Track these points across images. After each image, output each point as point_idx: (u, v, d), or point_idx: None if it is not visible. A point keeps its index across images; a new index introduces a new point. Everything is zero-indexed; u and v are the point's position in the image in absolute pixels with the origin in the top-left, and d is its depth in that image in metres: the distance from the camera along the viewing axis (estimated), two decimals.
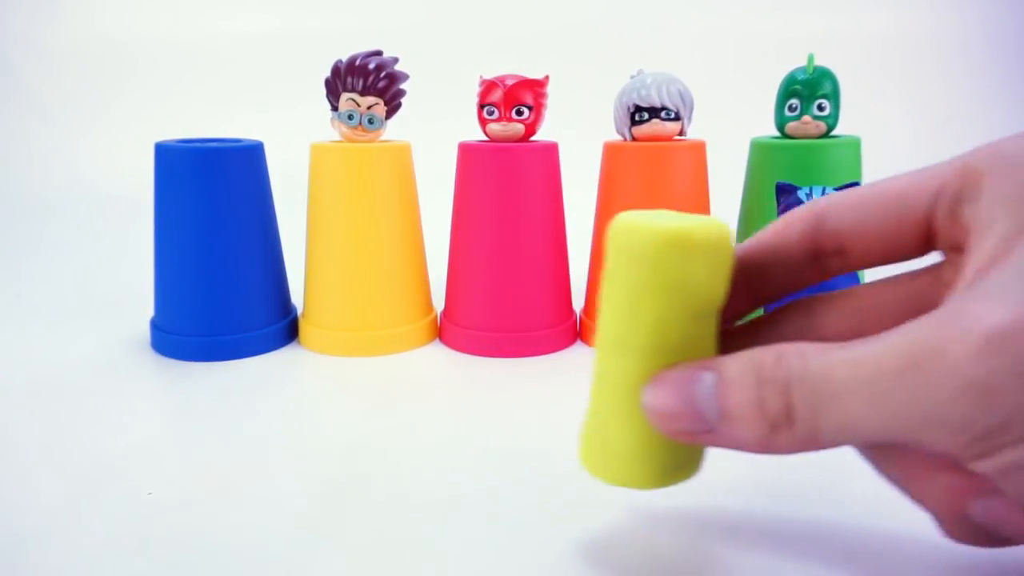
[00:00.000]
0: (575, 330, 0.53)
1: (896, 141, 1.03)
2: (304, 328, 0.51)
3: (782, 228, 0.24)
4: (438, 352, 0.50)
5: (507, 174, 0.48)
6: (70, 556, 0.27)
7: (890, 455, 0.22)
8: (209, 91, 1.10)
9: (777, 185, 0.43)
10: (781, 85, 0.48)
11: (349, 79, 0.47)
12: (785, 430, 0.19)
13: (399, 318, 0.50)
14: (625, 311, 0.23)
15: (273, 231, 0.52)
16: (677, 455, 0.24)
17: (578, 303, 0.55)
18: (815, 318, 0.25)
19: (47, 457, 0.35)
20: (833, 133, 0.49)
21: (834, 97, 0.47)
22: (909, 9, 1.12)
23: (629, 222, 0.23)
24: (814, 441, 0.19)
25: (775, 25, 1.11)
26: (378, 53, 0.48)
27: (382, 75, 0.47)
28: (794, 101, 0.47)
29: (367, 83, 0.47)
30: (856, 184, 0.42)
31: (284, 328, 0.51)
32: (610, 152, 0.51)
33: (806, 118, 0.47)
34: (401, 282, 0.50)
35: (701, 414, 0.21)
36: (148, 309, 0.52)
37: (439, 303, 0.55)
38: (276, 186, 0.52)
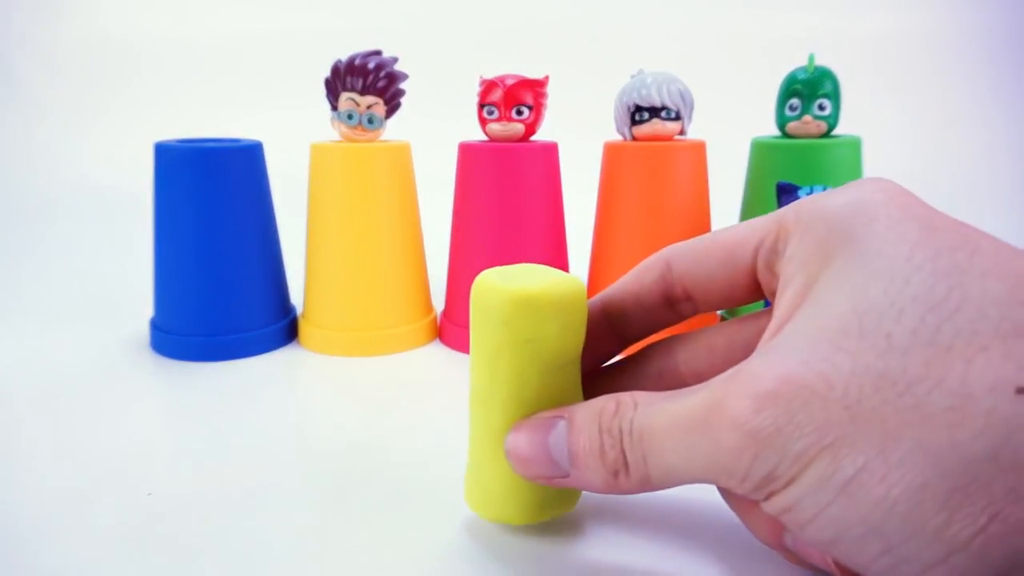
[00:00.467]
0: None
1: (896, 141, 1.03)
2: (304, 328, 0.51)
3: (639, 275, 0.27)
4: (438, 352, 0.50)
5: (507, 174, 0.48)
6: (70, 556, 0.27)
7: (723, 491, 0.24)
8: (209, 91, 1.10)
9: (777, 185, 0.43)
10: (782, 85, 0.48)
11: (349, 79, 0.47)
12: (623, 475, 0.22)
13: (399, 318, 0.50)
14: (486, 367, 0.25)
15: (273, 231, 0.52)
16: (548, 493, 0.27)
17: None
18: (675, 356, 0.28)
19: (47, 457, 0.35)
20: (833, 133, 0.49)
21: (835, 97, 0.47)
22: (909, 9, 1.12)
23: (487, 283, 0.25)
24: (648, 484, 0.22)
25: (775, 25, 1.11)
26: (377, 53, 0.48)
27: (381, 75, 0.47)
28: (795, 101, 0.47)
29: (367, 83, 0.47)
30: None
31: (284, 328, 0.51)
32: (610, 152, 0.50)
33: (807, 118, 0.47)
34: (401, 282, 0.50)
35: (555, 461, 0.24)
36: (148, 309, 0.52)
37: (439, 303, 0.55)
38: (276, 186, 0.52)
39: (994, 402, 0.17)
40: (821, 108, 0.47)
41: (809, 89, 0.47)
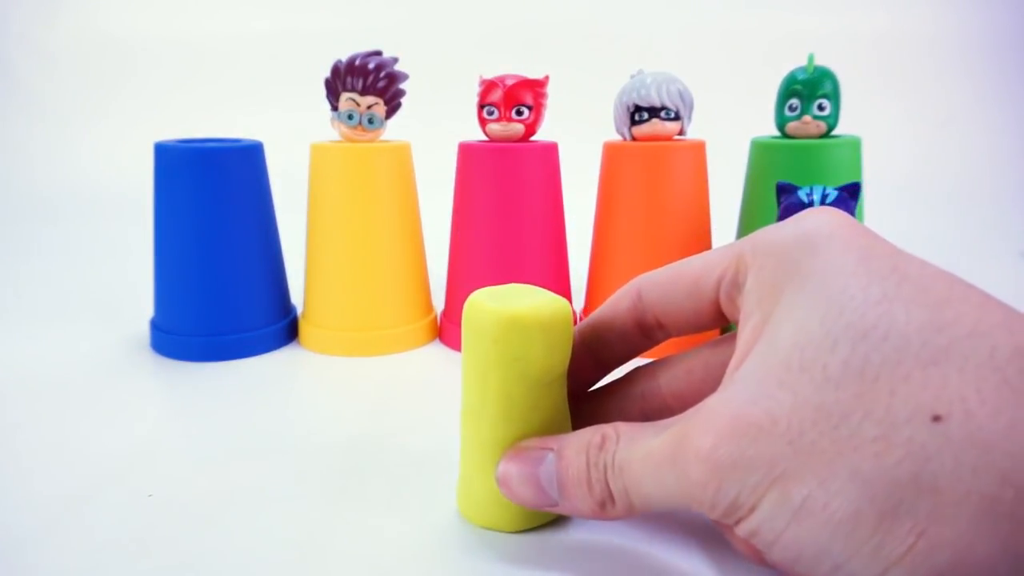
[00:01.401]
0: None
1: (896, 141, 1.03)
2: (304, 328, 0.51)
3: (614, 304, 0.29)
4: (438, 352, 0.50)
5: (507, 174, 0.48)
6: (70, 557, 0.27)
7: None
8: (209, 91, 1.10)
9: (777, 185, 0.43)
10: (781, 85, 0.48)
11: (349, 79, 0.47)
12: (610, 505, 0.24)
13: (399, 318, 0.50)
14: (477, 383, 0.27)
15: (273, 231, 0.52)
16: None
17: (578, 303, 0.55)
18: (657, 379, 0.29)
19: (47, 457, 0.35)
20: (833, 133, 0.49)
21: (834, 97, 0.47)
22: (909, 9, 1.12)
23: (478, 303, 0.27)
24: (632, 512, 0.24)
25: (775, 25, 1.11)
26: (378, 53, 0.48)
27: (382, 75, 0.47)
28: (794, 101, 0.47)
29: (367, 83, 0.47)
30: (856, 185, 0.42)
31: (284, 328, 0.51)
32: (610, 152, 0.50)
33: (806, 118, 0.47)
34: (401, 282, 0.50)
35: (544, 491, 0.25)
36: (148, 309, 0.52)
37: (439, 303, 0.55)
38: (276, 186, 0.52)
39: (912, 431, 0.18)
40: (821, 108, 0.47)
41: (809, 89, 0.47)
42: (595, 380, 0.31)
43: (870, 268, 0.21)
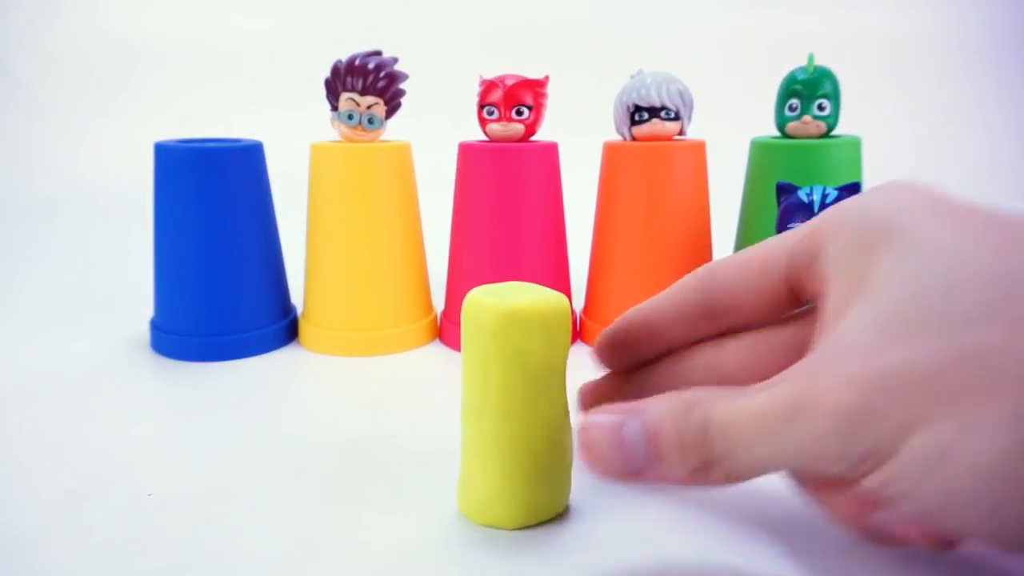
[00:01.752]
0: (576, 330, 0.53)
1: (896, 141, 1.03)
2: (304, 328, 0.51)
3: (680, 285, 0.29)
4: (438, 352, 0.50)
5: (507, 174, 0.48)
6: (70, 557, 0.27)
7: (802, 477, 0.25)
8: (209, 91, 1.10)
9: (777, 185, 0.43)
10: (781, 85, 0.48)
11: (349, 79, 0.47)
12: (708, 470, 0.22)
13: (399, 318, 0.50)
14: (477, 378, 0.27)
15: (273, 231, 0.52)
16: (538, 499, 0.28)
17: (578, 303, 0.55)
18: (724, 349, 0.29)
19: (47, 457, 0.35)
20: (833, 133, 0.49)
21: (835, 97, 0.47)
22: (909, 9, 1.12)
23: (477, 299, 0.27)
24: (734, 477, 0.22)
25: (775, 25, 1.11)
26: (377, 53, 0.48)
27: (381, 75, 0.47)
28: (794, 101, 0.47)
29: (367, 83, 0.47)
30: (856, 184, 0.42)
31: (284, 328, 0.51)
32: (610, 152, 0.50)
33: (806, 118, 0.47)
34: (401, 282, 0.50)
35: (630, 458, 0.23)
36: (148, 309, 0.52)
37: (439, 303, 0.55)
38: (276, 186, 0.52)
39: None
40: (821, 108, 0.47)
41: (809, 89, 0.47)
42: (642, 362, 0.31)
43: (972, 220, 0.21)
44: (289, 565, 0.27)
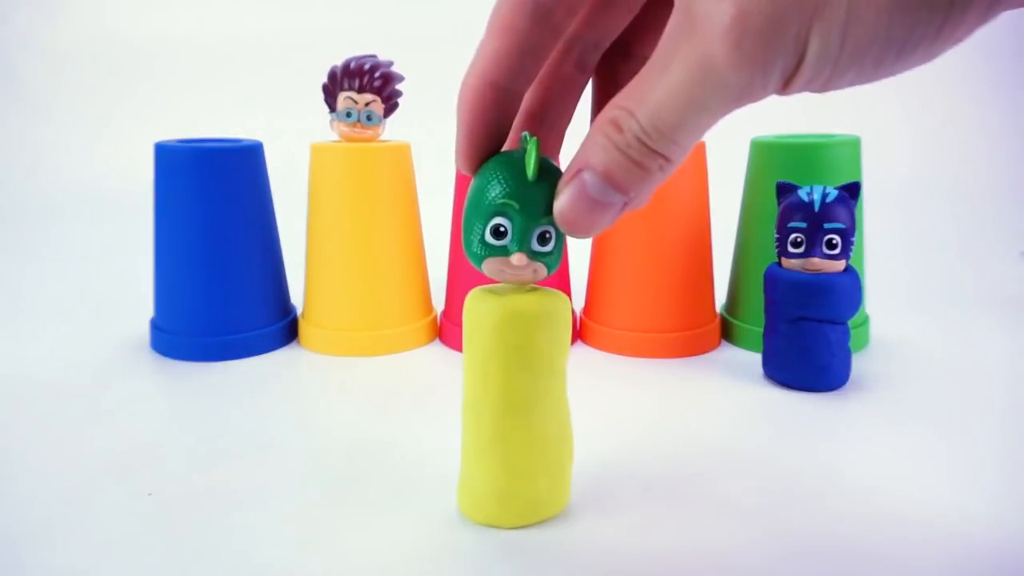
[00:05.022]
0: (576, 330, 0.53)
1: (896, 141, 1.03)
2: (304, 328, 0.51)
3: (501, 33, 0.26)
4: (438, 352, 0.50)
5: None
6: (70, 556, 0.27)
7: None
8: (210, 92, 1.10)
9: (777, 185, 0.43)
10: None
11: (346, 80, 0.47)
12: (665, 164, 0.22)
13: (399, 318, 0.50)
14: (478, 374, 0.27)
15: (273, 231, 0.52)
16: (537, 498, 0.28)
17: (578, 303, 0.55)
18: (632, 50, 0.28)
19: (47, 457, 0.35)
20: (833, 133, 0.49)
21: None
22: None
23: (479, 296, 0.27)
24: (685, 153, 0.22)
25: None
26: (372, 56, 0.48)
27: (377, 75, 0.47)
28: (502, 222, 0.26)
29: (363, 82, 0.47)
30: (856, 184, 0.42)
31: (284, 328, 0.51)
32: None
33: (519, 256, 0.26)
34: (401, 282, 0.50)
35: (606, 204, 0.23)
36: (148, 309, 0.52)
37: (439, 303, 0.55)
38: (276, 186, 0.52)
39: None
40: (543, 240, 0.27)
41: (527, 210, 0.28)
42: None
43: None
44: (289, 565, 0.27)
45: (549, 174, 0.25)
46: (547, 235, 0.25)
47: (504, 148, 0.27)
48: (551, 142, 0.29)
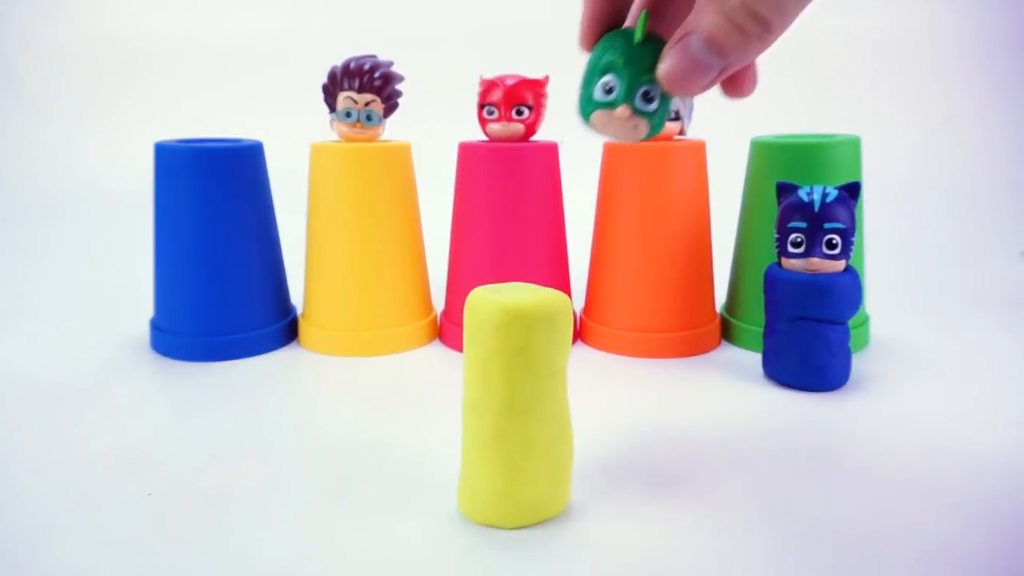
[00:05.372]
0: (576, 330, 0.53)
1: (896, 141, 1.03)
2: (304, 328, 0.51)
3: None
4: (438, 352, 0.50)
5: (507, 174, 0.48)
6: (70, 556, 0.27)
7: None
8: (210, 91, 1.10)
9: (777, 185, 0.43)
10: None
11: (345, 80, 0.47)
12: (768, 30, 0.25)
13: (399, 318, 0.50)
14: (479, 375, 0.28)
15: (273, 231, 0.52)
16: (537, 498, 0.29)
17: (578, 303, 0.55)
18: None
19: (47, 457, 0.35)
20: (833, 133, 0.49)
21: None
22: (909, 9, 1.12)
23: (480, 297, 0.27)
24: (784, 24, 0.25)
25: None
26: (372, 57, 0.48)
27: (376, 75, 0.47)
28: (610, 80, 0.28)
29: (363, 82, 0.47)
30: (856, 184, 0.42)
31: (284, 328, 0.51)
32: (610, 152, 0.50)
33: (623, 109, 0.28)
34: (401, 282, 0.50)
35: (707, 65, 0.26)
36: (148, 309, 0.52)
37: (439, 303, 0.55)
38: (276, 186, 0.52)
39: None
40: (647, 99, 0.28)
41: (633, 67, 0.28)
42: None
43: None
44: (289, 565, 0.27)
45: (656, 41, 0.27)
46: (650, 94, 0.27)
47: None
48: (662, 29, 0.30)
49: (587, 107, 0.28)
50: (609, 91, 0.27)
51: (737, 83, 0.29)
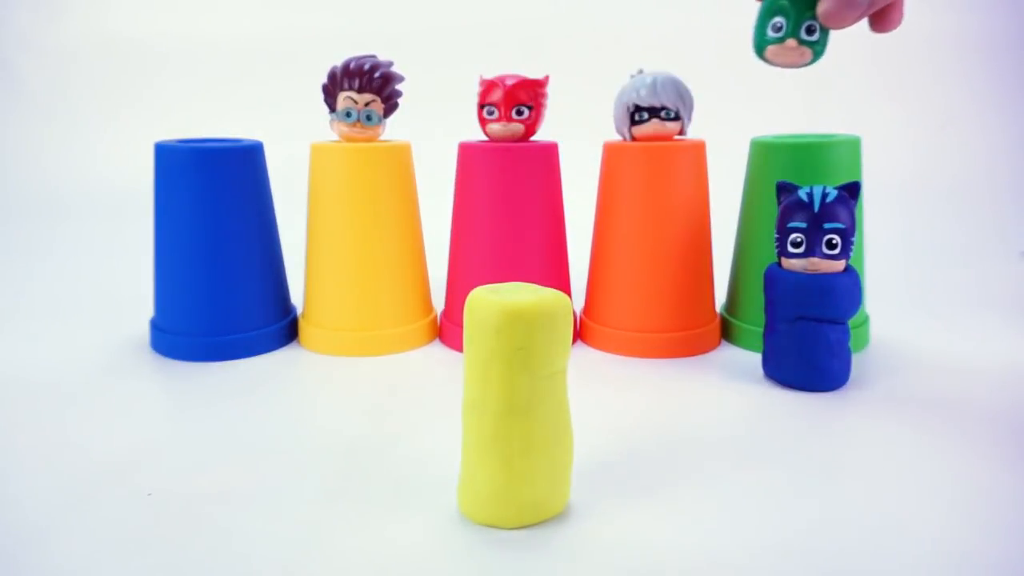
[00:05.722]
0: (576, 330, 0.53)
1: (896, 141, 1.02)
2: (304, 328, 0.51)
3: None
4: (438, 352, 0.50)
5: (507, 174, 0.48)
6: (70, 556, 0.27)
7: None
8: (209, 91, 1.10)
9: (777, 185, 0.43)
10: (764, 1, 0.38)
11: (345, 80, 0.47)
12: None
13: (399, 318, 0.50)
14: (479, 375, 0.28)
15: (273, 231, 0.52)
16: (537, 498, 0.29)
17: (578, 303, 0.55)
18: None
19: (47, 457, 0.35)
20: (833, 133, 0.49)
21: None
22: (909, 9, 1.12)
23: (480, 297, 0.27)
24: None
25: None
26: (372, 57, 0.48)
27: (376, 74, 0.47)
28: (779, 20, 0.38)
29: (363, 82, 0.47)
30: (856, 184, 0.42)
31: (284, 328, 0.51)
32: (610, 152, 0.50)
33: (791, 42, 0.37)
34: (401, 282, 0.50)
35: (856, 1, 0.33)
36: (148, 309, 0.52)
37: (439, 303, 0.55)
38: (276, 186, 0.52)
39: None
40: (809, 32, 0.37)
41: (798, 7, 0.37)
42: None
43: None
44: (289, 565, 0.27)
45: None
46: (812, 28, 0.36)
47: None
48: None
49: (762, 44, 0.37)
50: (778, 29, 0.37)
51: (884, 18, 0.35)
